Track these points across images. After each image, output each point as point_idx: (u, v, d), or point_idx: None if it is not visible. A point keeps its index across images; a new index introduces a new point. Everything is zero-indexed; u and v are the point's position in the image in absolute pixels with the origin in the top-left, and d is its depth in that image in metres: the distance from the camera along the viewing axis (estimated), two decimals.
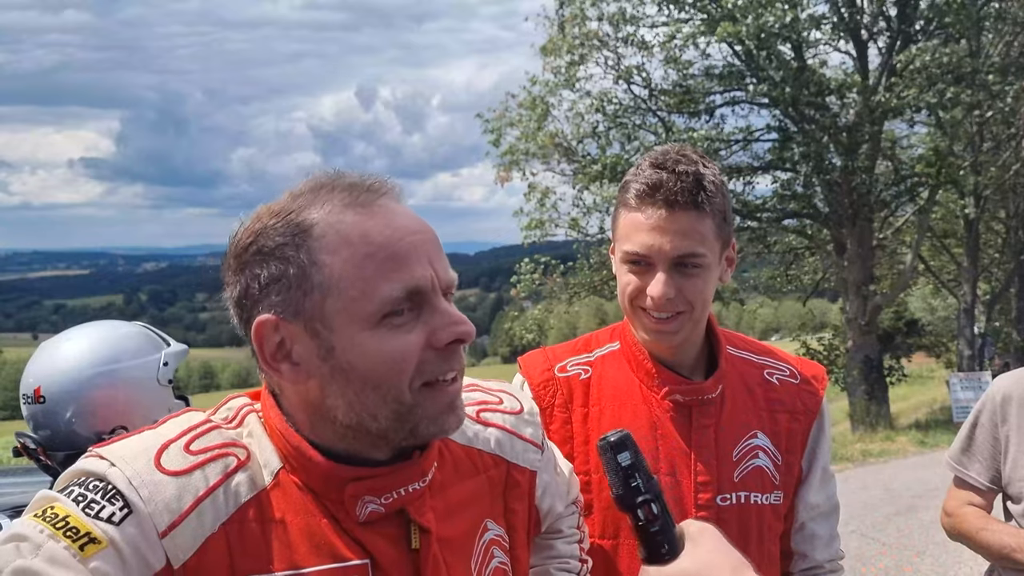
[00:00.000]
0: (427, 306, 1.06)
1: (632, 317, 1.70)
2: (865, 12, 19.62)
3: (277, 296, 1.04)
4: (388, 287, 1.02)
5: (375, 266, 1.03)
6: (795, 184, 19.88)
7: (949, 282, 27.25)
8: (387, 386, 1.04)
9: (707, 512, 1.65)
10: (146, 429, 1.09)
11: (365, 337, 1.03)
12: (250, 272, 1.06)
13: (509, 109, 20.25)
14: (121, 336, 2.11)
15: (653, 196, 1.59)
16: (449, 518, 1.18)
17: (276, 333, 1.05)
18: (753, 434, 1.71)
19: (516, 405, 1.37)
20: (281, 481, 1.08)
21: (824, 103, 18.46)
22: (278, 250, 1.04)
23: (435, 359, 1.06)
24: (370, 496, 1.08)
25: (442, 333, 1.06)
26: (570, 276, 21.01)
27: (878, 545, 8.38)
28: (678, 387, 1.69)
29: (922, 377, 39.15)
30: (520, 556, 1.31)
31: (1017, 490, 2.14)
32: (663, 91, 19.34)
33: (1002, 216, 25.76)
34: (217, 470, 1.04)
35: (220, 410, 1.15)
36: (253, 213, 1.10)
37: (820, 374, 1.84)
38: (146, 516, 0.98)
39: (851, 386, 20.78)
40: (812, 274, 24.29)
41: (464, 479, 1.24)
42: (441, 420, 1.09)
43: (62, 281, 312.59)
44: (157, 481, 1.00)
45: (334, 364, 1.04)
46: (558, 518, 1.49)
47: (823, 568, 1.79)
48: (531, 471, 1.34)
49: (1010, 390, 2.23)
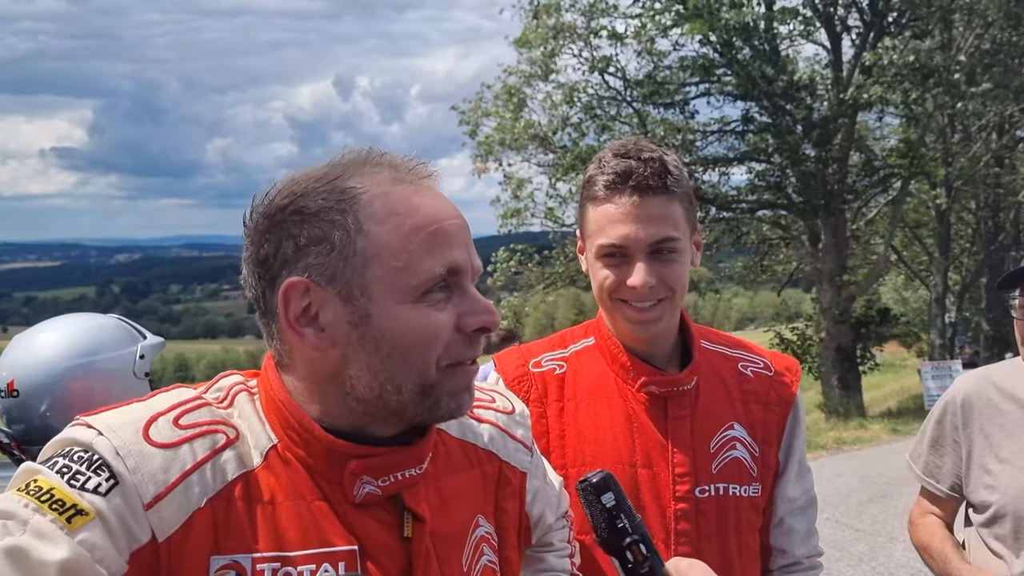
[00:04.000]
0: (459, 289, 1.08)
1: (612, 311, 1.69)
2: (839, 4, 19.75)
3: (315, 259, 1.03)
4: (431, 263, 1.04)
5: (420, 240, 1.04)
6: (769, 175, 20.01)
7: (921, 272, 27.59)
8: (416, 359, 1.04)
9: (685, 504, 1.66)
10: (136, 401, 1.08)
11: (403, 309, 1.03)
12: (285, 232, 1.04)
13: (484, 100, 20.23)
14: (97, 328, 2.09)
15: (624, 184, 1.59)
16: (442, 510, 1.18)
17: (305, 296, 1.04)
18: (730, 425, 1.72)
19: (508, 406, 1.37)
20: (272, 462, 1.07)
21: (798, 96, 18.58)
22: (322, 212, 1.03)
23: (461, 342, 1.07)
24: (368, 476, 1.08)
25: (471, 319, 1.07)
26: (546, 266, 21.04)
27: (852, 532, 8.48)
28: (653, 378, 1.69)
29: (894, 366, 39.61)
30: (510, 558, 1.30)
31: (981, 498, 2.04)
32: (637, 82, 19.36)
33: (972, 207, 26.09)
34: (206, 445, 1.03)
35: (212, 389, 1.14)
36: (287, 176, 1.09)
37: (794, 366, 1.85)
38: (132, 487, 0.97)
39: (825, 375, 20.99)
40: (786, 264, 24.48)
41: (458, 471, 1.23)
42: (459, 398, 1.10)
43: (33, 273, 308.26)
44: (144, 452, 0.99)
45: (365, 332, 1.03)
46: (549, 530, 1.48)
47: (802, 564, 1.80)
48: (522, 472, 1.34)
49: (970, 394, 2.10)
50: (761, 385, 1.78)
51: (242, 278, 1.10)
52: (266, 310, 1.08)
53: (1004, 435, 2.02)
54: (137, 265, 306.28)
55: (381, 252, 1.03)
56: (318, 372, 1.07)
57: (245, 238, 1.09)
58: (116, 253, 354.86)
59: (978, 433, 2.07)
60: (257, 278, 1.07)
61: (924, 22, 18.30)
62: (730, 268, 25.86)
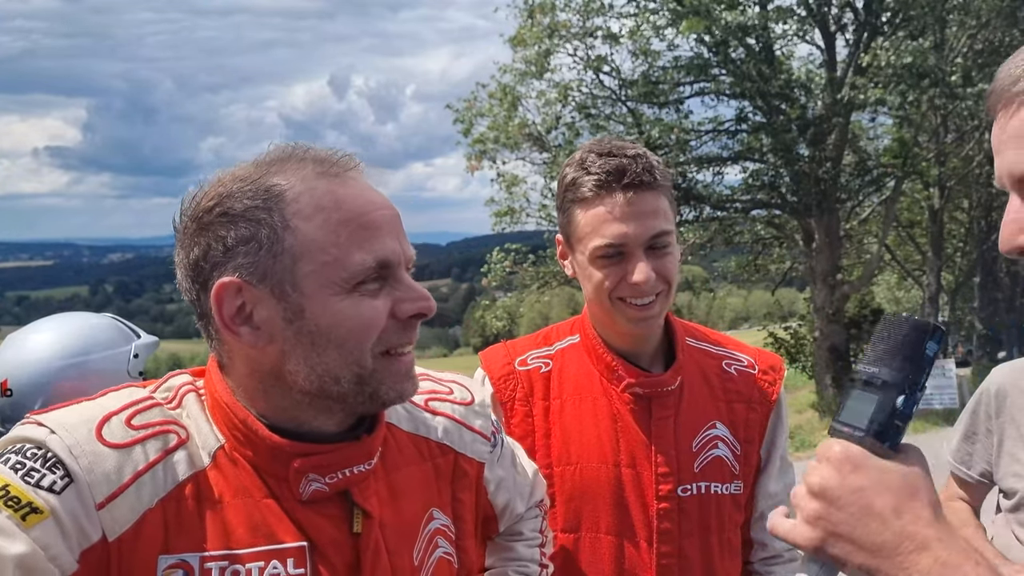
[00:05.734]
0: (392, 278, 1.09)
1: (612, 311, 1.68)
2: (833, 4, 19.78)
3: (244, 259, 1.04)
4: (360, 255, 1.05)
5: (348, 233, 1.05)
6: (763, 175, 20.04)
7: (914, 271, 27.69)
8: (351, 349, 1.05)
9: (668, 503, 1.67)
10: (85, 400, 1.09)
11: (336, 302, 1.04)
12: (213, 234, 1.05)
13: (479, 99, 20.22)
14: (91, 328, 2.09)
15: (618, 182, 1.60)
16: (393, 503, 1.19)
17: (238, 296, 1.05)
18: (712, 424, 1.73)
19: (467, 396, 1.37)
20: (220, 461, 1.08)
21: (792, 95, 18.61)
22: (248, 212, 1.04)
23: (395, 329, 1.09)
24: (315, 474, 1.09)
25: (407, 305, 1.09)
26: (540, 266, 21.04)
27: None
28: (637, 379, 1.70)
29: None
30: (467, 547, 1.31)
31: (1009, 485, 2.08)
32: (631, 82, 19.37)
33: (965, 207, 26.19)
34: (158, 446, 1.04)
35: (160, 388, 1.15)
36: (213, 177, 1.10)
37: (778, 364, 1.86)
38: (85, 486, 0.97)
39: (818, 374, 21.05)
40: (780, 264, 24.53)
41: (409, 465, 1.24)
42: (400, 385, 1.11)
43: (25, 272, 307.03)
44: (98, 452, 1.00)
45: (300, 327, 1.04)
46: (519, 519, 1.48)
47: (782, 557, 1.82)
48: (479, 462, 1.34)
49: (1004, 383, 2.13)
50: (745, 384, 1.79)
51: (177, 283, 1.10)
52: (202, 312, 1.09)
53: None
54: (130, 264, 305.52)
55: (310, 248, 1.04)
56: (259, 370, 1.08)
57: (176, 242, 1.09)
58: (109, 252, 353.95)
59: (1010, 422, 2.11)
60: (191, 281, 1.08)
61: (918, 22, 18.34)
62: (724, 267, 25.91)
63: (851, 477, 0.88)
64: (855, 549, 0.87)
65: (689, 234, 19.69)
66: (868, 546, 0.86)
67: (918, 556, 0.84)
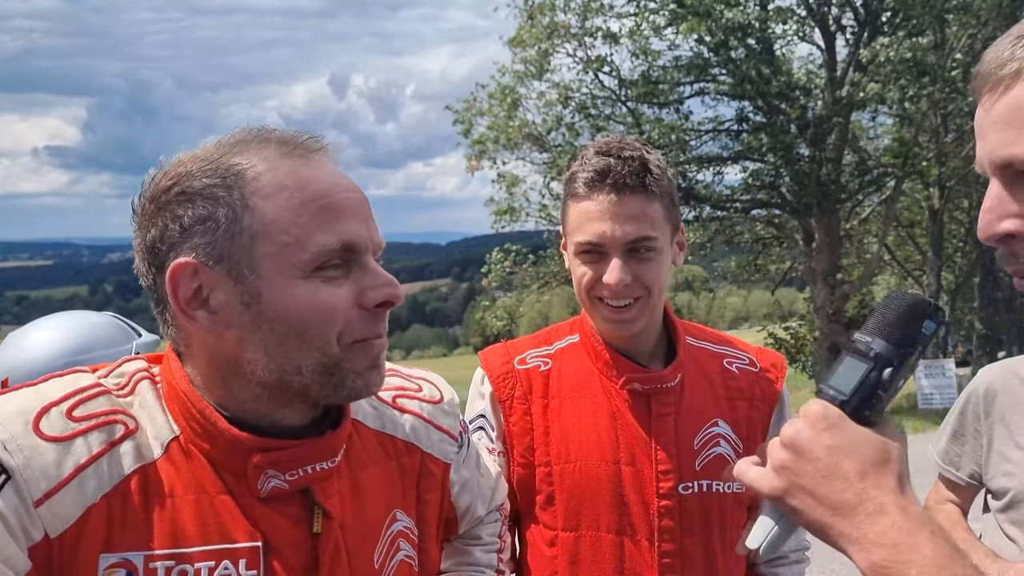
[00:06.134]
0: (358, 264, 1.04)
1: (590, 309, 1.70)
2: (833, 3, 19.78)
3: (201, 239, 0.99)
4: (323, 237, 1.00)
5: (311, 214, 1.00)
6: (763, 174, 20.04)
7: (914, 271, 27.68)
8: (314, 336, 1.00)
9: (669, 501, 1.66)
10: (25, 386, 1.03)
11: (295, 286, 1.00)
12: (170, 213, 1.01)
13: (478, 99, 20.22)
14: (92, 326, 2.08)
15: (603, 182, 1.60)
16: (356, 503, 1.14)
17: (195, 278, 1.00)
18: (714, 422, 1.73)
19: (436, 394, 1.33)
20: (172, 454, 1.03)
21: (792, 95, 18.61)
22: (206, 191, 1.00)
23: (363, 319, 1.04)
24: (274, 470, 1.04)
25: (373, 293, 1.04)
26: (540, 265, 21.04)
27: None
28: (636, 376, 1.70)
29: None
30: (430, 550, 1.27)
31: (999, 485, 2.07)
32: (631, 82, 19.37)
33: (965, 206, 26.18)
34: (101, 438, 0.99)
35: (113, 374, 1.09)
36: (174, 159, 1.06)
37: (779, 362, 1.85)
38: (22, 483, 0.92)
39: (818, 374, 21.04)
40: (780, 264, 24.54)
41: (374, 463, 1.20)
42: (366, 376, 1.06)
43: (25, 272, 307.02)
44: (35, 446, 0.94)
45: (258, 312, 1.00)
46: (478, 523, 1.44)
47: (787, 559, 1.81)
48: (445, 463, 1.29)
49: (993, 384, 2.13)
50: (746, 381, 1.79)
51: (135, 267, 1.07)
52: (159, 296, 1.04)
53: None
54: (129, 264, 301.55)
55: (269, 228, 0.99)
56: (217, 357, 1.04)
57: (133, 225, 1.06)
58: (108, 252, 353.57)
59: (999, 422, 2.10)
60: (147, 265, 1.04)
61: (918, 21, 18.34)
62: (724, 267, 25.92)
63: (824, 434, 0.90)
64: (815, 504, 0.88)
65: (689, 234, 19.68)
66: (828, 503, 0.87)
67: (875, 518, 0.84)
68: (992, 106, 0.89)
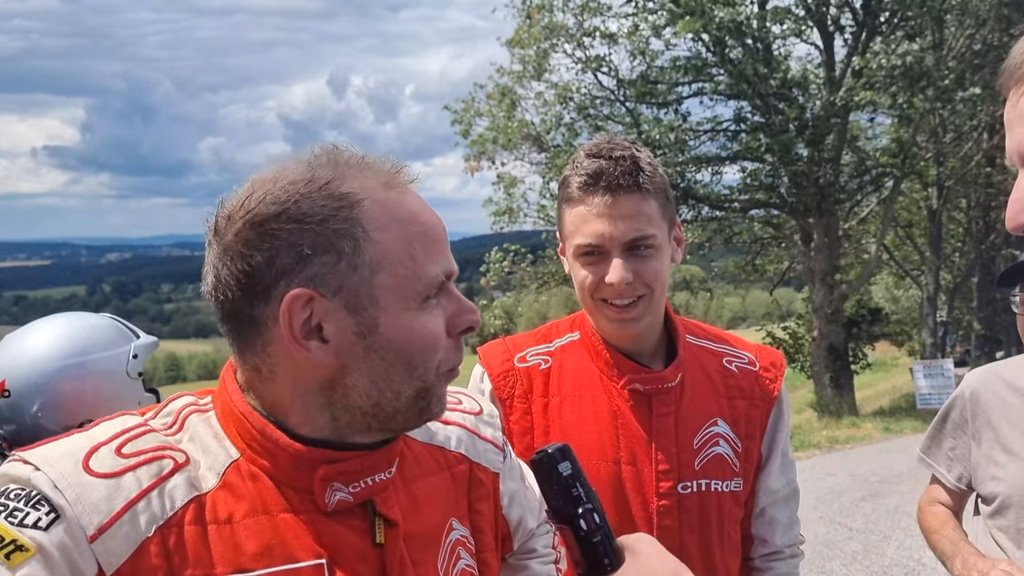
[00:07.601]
0: (445, 292, 1.07)
1: (594, 311, 1.71)
2: (831, 3, 19.79)
3: (320, 269, 0.99)
4: (433, 268, 1.04)
5: (423, 247, 1.03)
6: (762, 174, 20.04)
7: (912, 271, 27.71)
8: (418, 365, 1.04)
9: (668, 500, 1.67)
10: (76, 431, 1.04)
11: (410, 316, 1.02)
12: (284, 241, 0.99)
13: (477, 100, 20.23)
14: (90, 328, 2.07)
15: (596, 184, 1.61)
16: (415, 513, 1.14)
17: (307, 308, 0.99)
18: (713, 421, 1.73)
19: (476, 406, 1.35)
20: (231, 480, 1.03)
21: (790, 95, 18.61)
22: (327, 221, 0.99)
23: (452, 347, 1.07)
24: (339, 483, 1.04)
25: (460, 319, 1.07)
26: (539, 266, 21.05)
27: (845, 530, 8.50)
28: (637, 376, 1.70)
29: (886, 365, 39.75)
30: (488, 561, 1.26)
31: (988, 490, 2.08)
32: (629, 82, 19.38)
33: (963, 206, 26.21)
34: (151, 472, 1.00)
35: (160, 414, 1.10)
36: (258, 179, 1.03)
37: (779, 360, 1.86)
38: (74, 519, 0.93)
39: (817, 374, 21.04)
40: (778, 264, 24.55)
41: (428, 475, 1.20)
42: (443, 400, 1.10)
43: (22, 272, 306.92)
44: (84, 482, 0.95)
45: (372, 342, 1.01)
46: (531, 535, 1.44)
47: (783, 553, 1.82)
48: (494, 472, 1.30)
49: (978, 388, 2.14)
50: (746, 380, 1.79)
51: (210, 290, 1.05)
52: (252, 322, 1.02)
53: (1011, 428, 2.06)
54: (128, 264, 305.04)
55: (389, 260, 1.01)
56: (307, 384, 1.03)
57: (216, 246, 1.03)
58: (107, 252, 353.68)
59: (986, 426, 2.10)
60: (244, 290, 1.01)
61: (917, 22, 18.34)
62: (722, 267, 25.91)
63: None
64: None
65: (687, 234, 19.69)
66: None
67: None
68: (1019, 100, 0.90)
